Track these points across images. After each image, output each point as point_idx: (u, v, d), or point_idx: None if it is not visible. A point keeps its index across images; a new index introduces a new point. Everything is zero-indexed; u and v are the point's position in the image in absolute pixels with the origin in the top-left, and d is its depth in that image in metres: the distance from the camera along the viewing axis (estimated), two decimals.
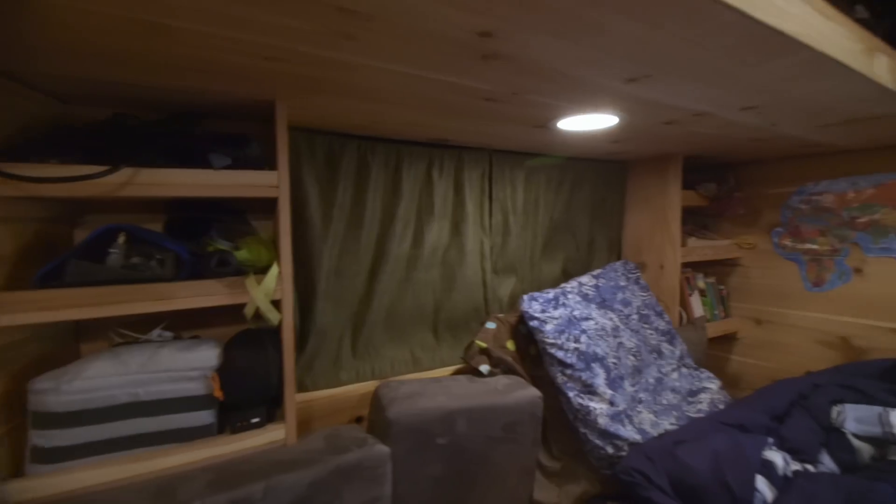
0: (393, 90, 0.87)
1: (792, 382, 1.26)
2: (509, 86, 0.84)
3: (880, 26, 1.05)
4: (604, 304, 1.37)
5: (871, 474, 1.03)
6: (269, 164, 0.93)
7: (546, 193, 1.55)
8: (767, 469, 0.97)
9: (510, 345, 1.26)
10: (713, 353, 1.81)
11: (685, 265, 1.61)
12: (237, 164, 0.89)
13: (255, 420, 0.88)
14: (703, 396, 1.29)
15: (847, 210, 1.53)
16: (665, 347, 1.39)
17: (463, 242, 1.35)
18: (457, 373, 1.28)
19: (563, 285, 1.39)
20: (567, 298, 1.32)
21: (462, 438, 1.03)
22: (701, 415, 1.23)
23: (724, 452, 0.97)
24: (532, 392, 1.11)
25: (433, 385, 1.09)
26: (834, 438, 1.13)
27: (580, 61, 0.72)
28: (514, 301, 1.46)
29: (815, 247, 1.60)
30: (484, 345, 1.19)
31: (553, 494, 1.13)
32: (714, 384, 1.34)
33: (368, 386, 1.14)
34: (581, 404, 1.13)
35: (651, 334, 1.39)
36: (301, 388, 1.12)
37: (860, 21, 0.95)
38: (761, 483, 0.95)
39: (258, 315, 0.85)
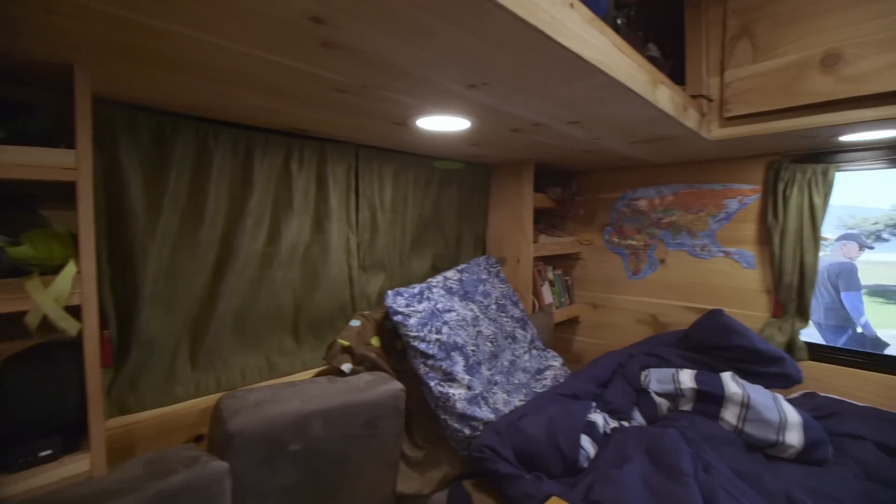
0: (230, 69, 0.79)
1: (614, 355, 1.51)
2: (357, 78, 0.84)
3: (667, 65, 1.32)
4: (466, 297, 1.46)
5: (666, 423, 1.28)
6: (67, 141, 0.77)
7: (415, 191, 1.59)
8: (591, 429, 1.14)
9: (375, 341, 1.26)
10: (560, 335, 2.08)
11: (537, 259, 1.81)
12: (15, 139, 0.71)
13: (45, 453, 0.72)
14: (548, 373, 1.47)
15: (655, 213, 1.89)
16: (519, 333, 1.54)
17: (327, 239, 1.30)
18: (320, 375, 1.23)
19: (429, 280, 1.44)
20: (432, 292, 1.37)
21: (319, 442, 0.99)
22: (545, 389, 1.39)
23: (557, 419, 1.11)
24: (395, 386, 1.12)
25: (287, 390, 1.03)
26: (642, 397, 1.38)
27: (419, 61, 0.75)
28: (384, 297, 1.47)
29: (633, 242, 1.95)
30: (346, 343, 1.17)
31: (415, 483, 1.16)
32: (557, 362, 1.54)
33: (210, 400, 1.03)
34: (441, 392, 1.18)
35: (507, 322, 1.53)
36: (122, 409, 0.95)
37: (651, 58, 1.17)
38: (585, 441, 1.11)
39: (50, 326, 0.70)
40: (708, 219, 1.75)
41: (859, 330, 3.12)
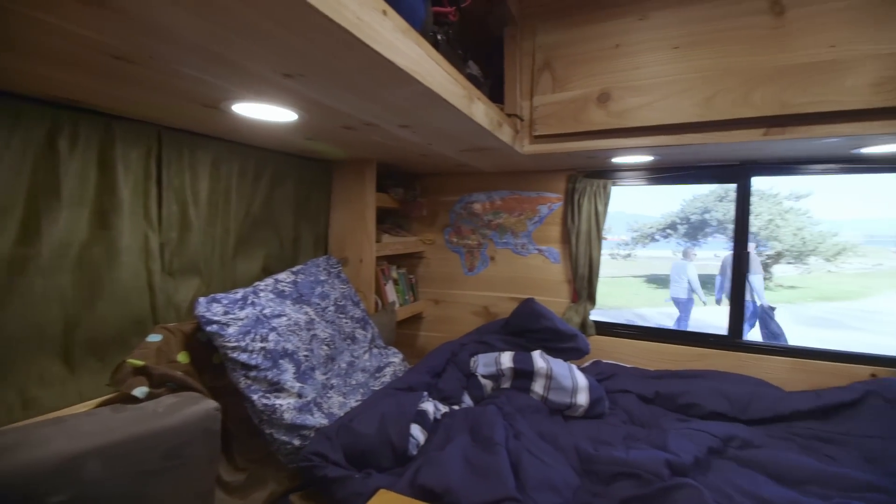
0: None
1: (448, 345, 1.64)
2: (138, 46, 0.71)
3: (486, 83, 1.47)
4: (301, 300, 1.38)
5: (488, 401, 1.44)
6: None
7: (241, 185, 1.43)
8: (422, 417, 1.20)
9: (183, 357, 1.09)
10: (404, 332, 2.17)
11: (381, 258, 1.84)
12: None
13: None
14: (388, 370, 1.50)
15: (486, 215, 2.11)
16: (359, 333, 1.54)
17: (115, 238, 1.07)
18: (106, 404, 1.01)
19: (256, 284, 1.32)
20: (258, 297, 1.26)
21: (97, 487, 0.81)
22: (383, 386, 1.42)
23: (389, 413, 1.14)
24: (205, 406, 0.99)
25: (46, 429, 0.81)
26: (471, 382, 1.52)
27: (217, 39, 0.68)
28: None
29: (469, 242, 2.14)
30: (140, 363, 0.98)
31: None
32: (397, 358, 1.59)
33: None
34: (267, 404, 1.10)
35: (346, 323, 1.51)
36: None
37: (471, 76, 1.29)
38: (416, 430, 1.16)
39: None
40: (526, 221, 2.04)
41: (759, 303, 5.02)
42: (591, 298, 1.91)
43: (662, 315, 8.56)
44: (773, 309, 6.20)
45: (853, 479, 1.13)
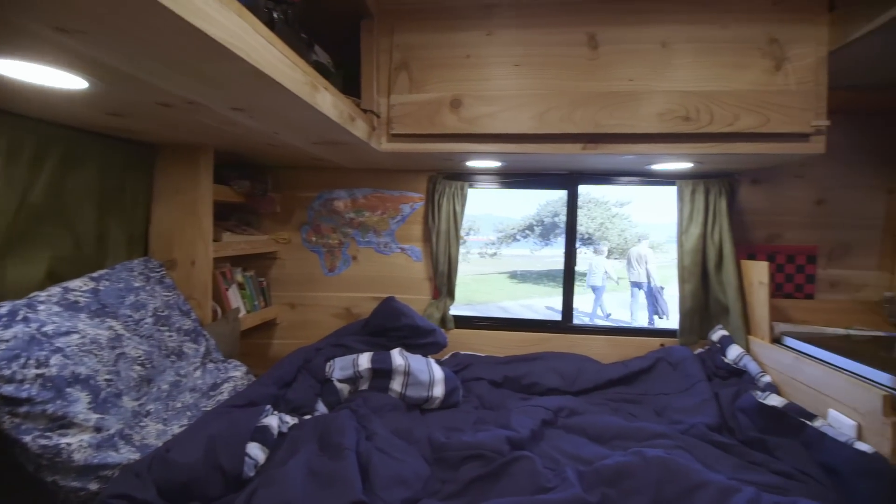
0: None
1: (301, 351, 1.54)
2: None
3: (339, 74, 1.41)
4: (103, 312, 1.13)
5: (343, 406, 1.39)
6: None
7: (9, 168, 1.10)
8: (262, 434, 1.10)
9: None
10: (255, 342, 1.98)
11: (222, 260, 1.63)
12: None
13: None
14: (227, 386, 1.33)
15: (348, 213, 2.05)
16: (188, 347, 1.33)
17: None
18: None
19: (33, 294, 1.03)
20: (35, 311, 0.98)
21: None
22: (217, 405, 1.26)
23: (219, 435, 1.01)
24: None
25: None
26: (326, 388, 1.45)
27: None
28: None
29: (329, 241, 2.05)
30: None
31: None
32: (240, 371, 1.42)
33: None
34: (45, 446, 0.86)
35: (171, 336, 1.29)
36: None
37: (318, 63, 1.22)
38: (254, 449, 1.05)
39: None
40: (389, 220, 2.04)
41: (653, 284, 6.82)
42: (451, 294, 2.00)
43: (523, 307, 9.56)
44: (662, 289, 7.61)
45: (648, 430, 1.40)
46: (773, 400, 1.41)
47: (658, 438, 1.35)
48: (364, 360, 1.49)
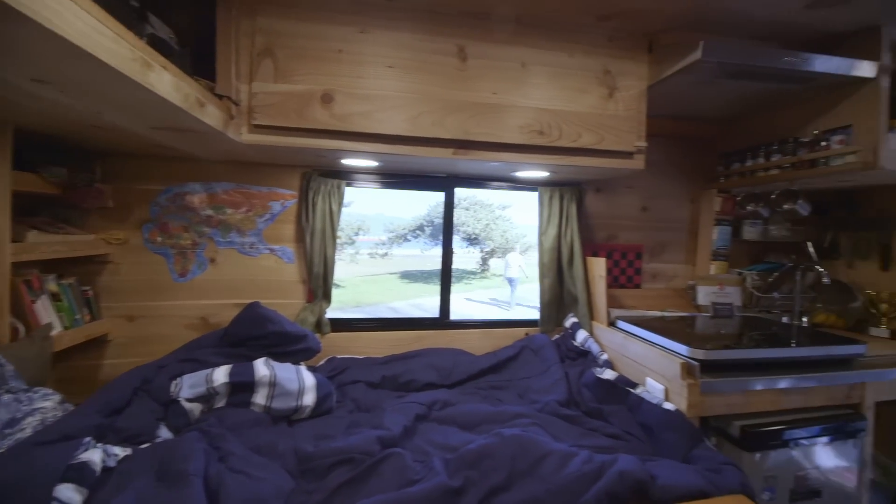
0: None
1: (138, 371, 1.32)
2: None
3: (185, 52, 1.25)
4: None
5: (192, 428, 1.23)
6: None
7: None
8: (78, 472, 0.91)
9: None
10: (78, 363, 1.64)
11: (26, 265, 1.31)
12: None
13: None
14: (31, 420, 1.07)
15: (205, 210, 1.82)
16: None
17: None
18: None
19: None
20: None
21: None
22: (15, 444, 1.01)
23: (13, 482, 0.81)
24: None
25: None
26: (171, 410, 1.27)
27: None
28: None
29: (181, 241, 1.80)
30: None
31: None
32: (51, 401, 1.15)
33: None
34: None
35: None
36: None
37: (154, 37, 1.06)
38: (67, 491, 0.87)
39: None
40: (256, 218, 1.87)
41: None
42: (327, 297, 1.93)
43: (413, 307, 9.69)
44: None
45: (511, 412, 1.53)
46: (608, 374, 1.67)
47: (518, 418, 1.48)
48: (220, 375, 1.34)
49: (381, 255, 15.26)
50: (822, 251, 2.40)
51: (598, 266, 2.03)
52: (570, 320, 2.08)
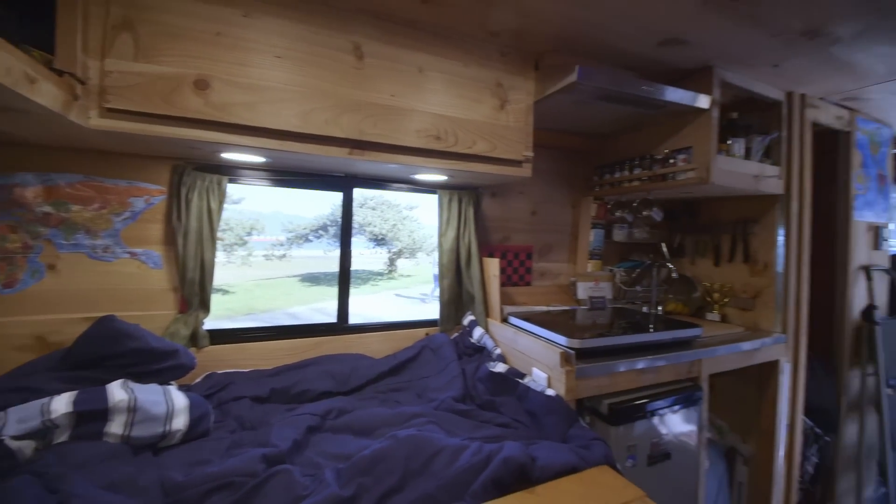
0: None
1: None
2: None
3: (11, 17, 1.02)
4: None
5: (24, 469, 1.01)
6: None
7: None
8: None
9: None
10: None
11: None
12: None
13: None
14: None
15: (41, 206, 1.51)
16: None
17: None
18: None
19: None
20: None
21: None
22: None
23: None
24: None
25: None
26: None
27: None
28: None
29: (7, 245, 1.46)
30: None
31: None
32: None
33: None
34: None
35: None
36: None
37: None
38: None
39: None
40: (111, 217, 1.61)
41: None
42: (205, 305, 1.73)
43: (315, 311, 9.22)
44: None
45: (408, 413, 1.53)
46: (500, 367, 1.77)
47: (416, 418, 1.50)
48: (60, 404, 1.11)
49: (279, 257, 14.20)
50: (672, 251, 2.85)
51: (493, 266, 2.15)
52: (468, 318, 2.17)
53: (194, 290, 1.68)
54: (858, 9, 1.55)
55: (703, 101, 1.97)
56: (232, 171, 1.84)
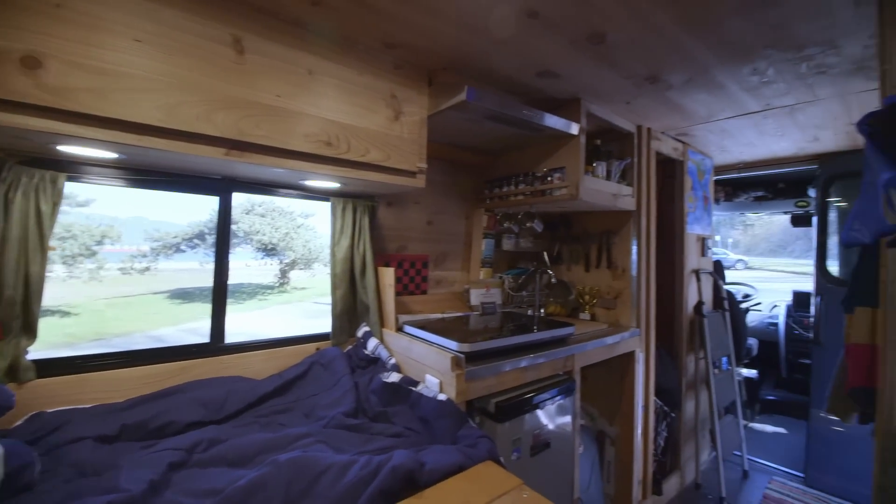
0: None
1: None
2: None
3: None
4: None
5: None
6: None
7: None
8: None
9: None
10: None
11: None
12: None
13: None
14: None
15: None
16: None
17: None
18: None
19: None
20: None
21: None
22: None
23: None
24: None
25: None
26: None
27: None
28: None
29: None
30: None
31: None
32: None
33: None
34: None
35: None
36: None
37: None
38: None
39: None
40: None
41: None
42: (30, 330, 1.41)
43: (186, 332, 8.12)
44: None
45: (294, 434, 1.43)
46: (394, 377, 1.77)
47: (302, 439, 1.41)
48: None
49: (140, 271, 12.01)
50: (552, 258, 3.17)
51: (388, 276, 2.14)
52: (363, 329, 2.12)
53: (14, 311, 1.36)
54: (684, 63, 1.92)
55: (574, 128, 2.25)
56: (74, 168, 1.55)
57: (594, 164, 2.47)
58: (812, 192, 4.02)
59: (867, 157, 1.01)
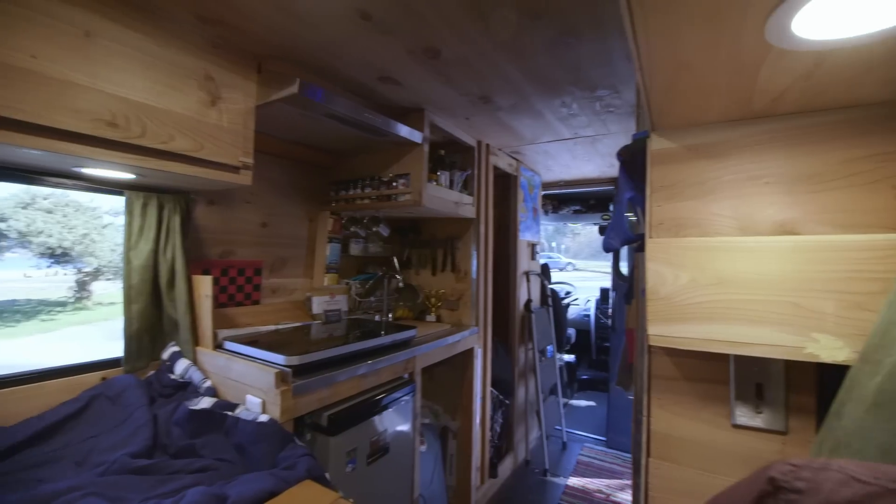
0: None
1: None
2: None
3: None
4: None
5: None
6: None
7: None
8: None
9: None
10: None
11: None
12: None
13: None
14: None
15: None
16: None
17: None
18: None
19: None
20: None
21: None
22: None
23: None
24: None
25: None
26: None
27: None
28: None
29: None
30: None
31: None
32: None
33: None
34: None
35: None
36: None
37: None
38: None
39: None
40: None
41: None
42: None
43: None
44: None
45: (52, 491, 1.12)
46: (205, 403, 1.53)
47: (66, 495, 1.12)
48: None
49: None
50: (402, 263, 3.21)
51: (205, 285, 1.86)
52: (169, 350, 1.80)
53: None
54: (509, 88, 2.14)
55: (418, 137, 2.31)
56: None
57: (438, 174, 2.59)
58: (612, 208, 4.99)
59: (619, 180, 1.26)
